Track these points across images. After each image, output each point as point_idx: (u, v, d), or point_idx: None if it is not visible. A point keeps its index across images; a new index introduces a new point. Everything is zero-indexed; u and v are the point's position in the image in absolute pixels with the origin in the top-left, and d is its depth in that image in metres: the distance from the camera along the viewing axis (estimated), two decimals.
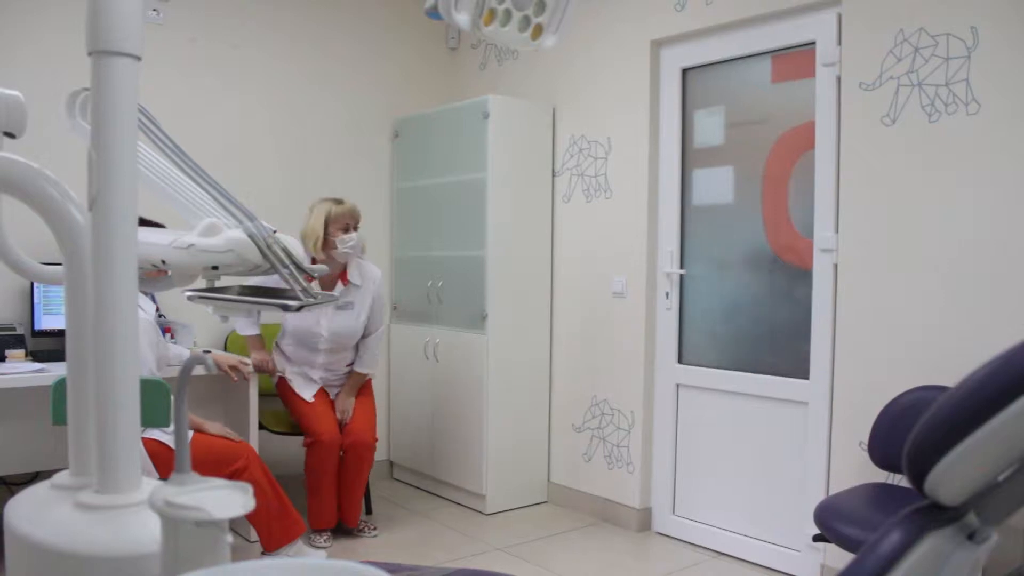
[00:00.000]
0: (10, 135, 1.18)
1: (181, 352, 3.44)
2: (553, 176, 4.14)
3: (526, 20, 1.29)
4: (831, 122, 3.05)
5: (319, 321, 3.50)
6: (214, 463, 2.92)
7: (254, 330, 3.57)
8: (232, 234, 1.10)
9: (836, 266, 3.05)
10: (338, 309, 3.54)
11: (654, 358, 3.73)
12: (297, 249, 1.15)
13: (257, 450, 3.18)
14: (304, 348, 3.58)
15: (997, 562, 2.48)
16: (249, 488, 0.77)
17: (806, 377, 3.16)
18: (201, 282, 1.15)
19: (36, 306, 3.40)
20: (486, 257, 3.90)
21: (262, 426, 3.59)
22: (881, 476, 2.86)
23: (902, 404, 2.75)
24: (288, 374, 3.61)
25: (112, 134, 0.89)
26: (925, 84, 2.79)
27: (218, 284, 1.16)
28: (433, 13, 1.20)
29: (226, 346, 3.99)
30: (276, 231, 1.14)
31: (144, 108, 1.09)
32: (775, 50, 3.26)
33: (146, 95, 1.00)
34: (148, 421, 2.60)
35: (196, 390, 3.60)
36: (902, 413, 2.73)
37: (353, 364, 3.70)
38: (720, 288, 3.54)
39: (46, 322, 3.42)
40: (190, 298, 1.17)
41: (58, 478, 1.01)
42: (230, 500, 0.75)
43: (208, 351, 3.68)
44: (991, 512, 0.88)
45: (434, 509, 4.03)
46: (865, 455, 2.86)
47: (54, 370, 3.02)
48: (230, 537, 0.76)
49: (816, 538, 2.67)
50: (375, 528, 3.67)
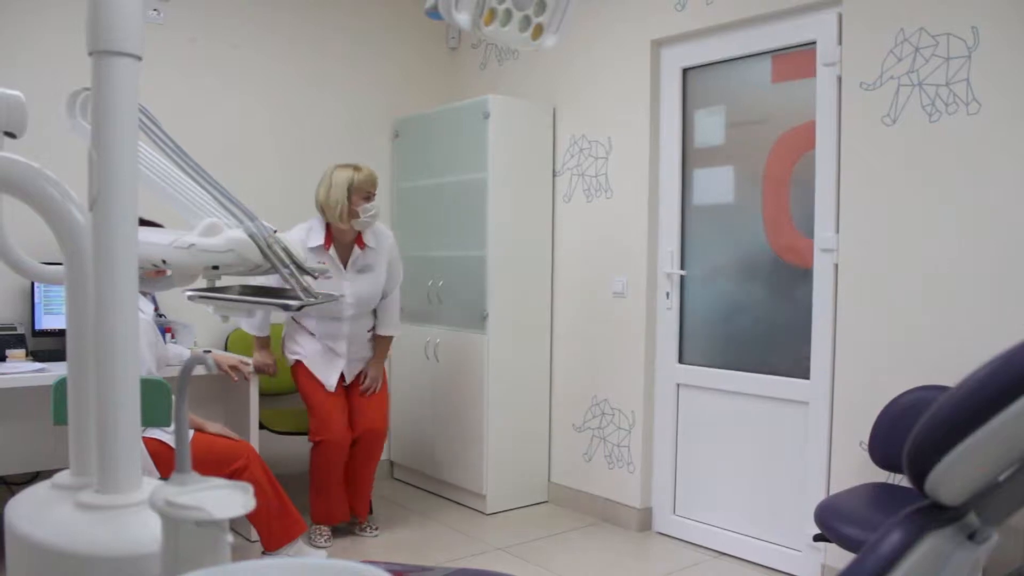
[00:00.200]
0: (11, 135, 1.18)
1: (181, 352, 3.44)
2: (554, 176, 4.14)
3: (526, 20, 1.29)
4: (832, 122, 3.05)
5: (340, 287, 3.46)
6: (215, 463, 2.92)
7: (264, 332, 3.55)
8: (233, 234, 1.10)
9: (836, 266, 3.05)
10: (358, 272, 3.50)
11: (654, 358, 3.73)
12: (297, 249, 1.15)
13: (258, 450, 3.18)
14: (329, 319, 3.51)
15: (998, 562, 2.48)
16: (249, 488, 0.77)
17: (807, 377, 3.16)
18: (202, 282, 1.15)
19: (37, 306, 3.40)
20: (487, 257, 3.90)
21: (262, 426, 3.59)
22: (882, 476, 2.86)
23: (902, 404, 2.75)
24: (310, 359, 3.53)
25: (113, 134, 0.89)
26: (926, 84, 2.79)
27: (218, 284, 1.16)
28: (433, 13, 1.20)
29: (226, 346, 3.99)
30: (276, 231, 1.14)
31: (145, 108, 1.09)
32: (775, 50, 3.27)
33: (146, 95, 1.00)
34: (149, 421, 2.61)
35: (196, 390, 3.60)
36: (902, 413, 2.73)
37: (373, 330, 3.67)
38: (721, 288, 3.54)
39: (47, 322, 3.42)
40: (191, 298, 1.17)
41: (59, 478, 1.01)
42: (230, 500, 0.75)
43: (208, 351, 3.69)
44: (991, 512, 0.88)
45: (434, 509, 4.03)
46: (865, 455, 2.86)
47: (55, 370, 3.02)
48: (230, 537, 0.76)
49: (817, 538, 2.67)
50: (376, 528, 3.67)
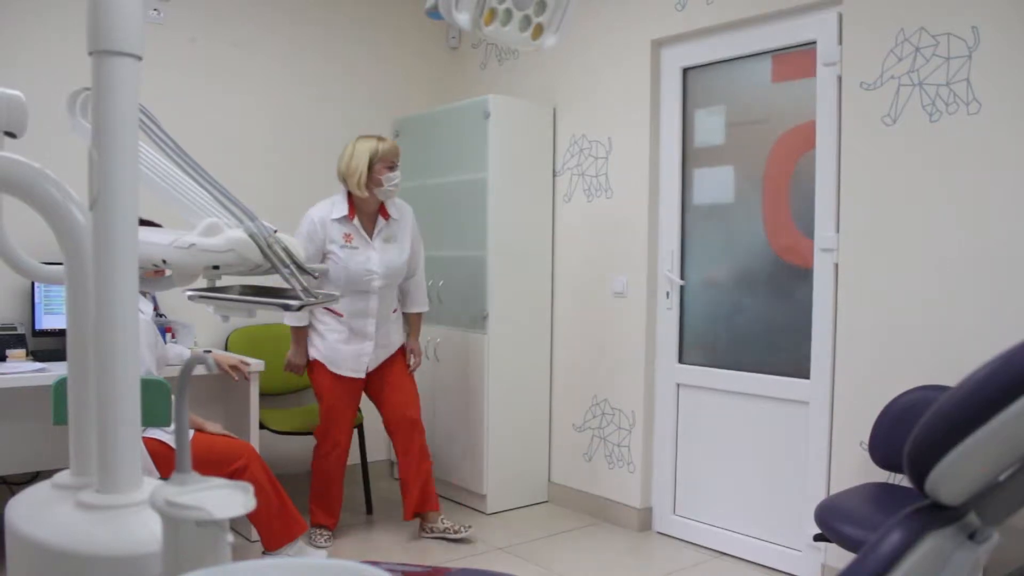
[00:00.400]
0: (11, 135, 1.18)
1: (182, 352, 3.44)
2: (554, 176, 4.14)
3: (527, 20, 1.29)
4: (832, 122, 3.05)
5: (369, 258, 3.43)
6: (215, 463, 2.92)
7: (304, 322, 3.47)
8: (233, 234, 1.10)
9: (837, 265, 3.05)
10: (384, 242, 3.48)
11: (655, 358, 3.73)
12: (298, 249, 1.15)
13: (258, 450, 3.18)
14: (358, 296, 3.45)
15: (998, 562, 2.47)
16: (250, 488, 0.77)
17: (807, 377, 3.16)
18: (202, 282, 1.15)
19: (37, 306, 3.40)
20: (487, 257, 3.90)
21: (263, 426, 3.59)
22: (882, 476, 2.86)
23: (903, 404, 2.75)
24: (333, 352, 3.46)
25: (113, 134, 0.89)
26: (926, 84, 2.79)
27: (219, 284, 1.16)
28: (434, 13, 1.20)
29: (227, 346, 3.99)
30: (277, 231, 1.14)
31: (145, 108, 1.09)
32: (775, 50, 3.27)
33: (146, 95, 1.00)
34: (149, 421, 2.61)
35: (197, 390, 3.60)
36: (903, 413, 2.73)
37: (396, 311, 3.63)
38: (721, 288, 3.54)
39: (47, 322, 3.42)
40: (191, 298, 1.17)
41: (59, 478, 1.01)
42: (231, 500, 0.75)
43: (209, 351, 3.68)
44: (992, 512, 0.88)
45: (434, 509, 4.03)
46: (866, 455, 2.86)
47: (55, 370, 3.02)
48: (231, 536, 0.76)
49: (817, 538, 2.67)
50: (470, 527, 3.59)
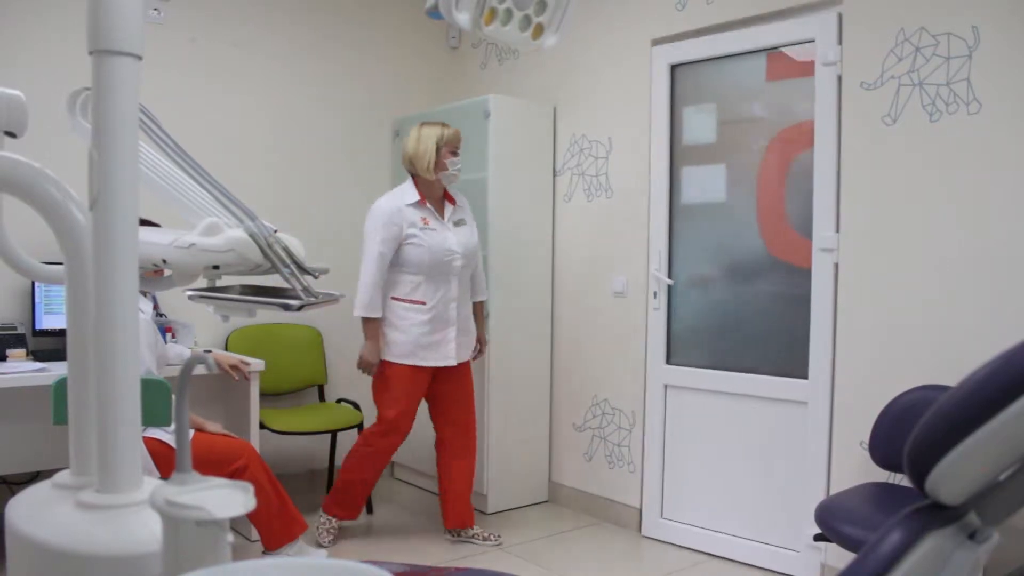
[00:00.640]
0: (11, 134, 1.18)
1: (182, 352, 3.44)
2: (554, 175, 4.14)
3: (527, 19, 1.29)
4: (831, 121, 3.04)
5: (447, 239, 3.38)
6: (215, 462, 2.92)
7: (376, 312, 3.35)
8: (233, 233, 1.10)
9: (836, 265, 3.05)
10: (455, 225, 3.45)
11: (647, 358, 3.71)
12: (298, 248, 1.15)
13: (258, 449, 3.18)
14: (439, 280, 3.39)
15: (998, 562, 2.47)
16: (250, 487, 0.77)
17: (805, 377, 3.15)
18: (202, 281, 1.15)
19: (37, 305, 3.40)
20: (487, 256, 3.89)
21: (263, 425, 3.59)
22: (882, 476, 2.86)
23: (903, 403, 2.75)
24: (413, 347, 3.36)
25: (113, 133, 0.89)
26: (926, 84, 2.78)
27: (219, 283, 1.16)
28: (434, 13, 1.20)
29: (227, 345, 3.99)
30: (277, 230, 1.14)
31: (145, 107, 1.09)
32: (770, 48, 3.23)
33: (146, 95, 1.00)
34: (149, 420, 2.60)
35: (197, 390, 3.60)
36: (903, 412, 2.73)
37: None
38: (713, 288, 3.51)
39: (47, 321, 3.42)
40: (191, 297, 1.17)
41: (59, 477, 1.01)
42: (231, 499, 0.75)
43: (209, 350, 3.68)
44: (992, 512, 0.88)
45: (435, 509, 4.02)
46: (866, 454, 2.86)
47: (55, 369, 3.02)
48: (231, 536, 0.76)
49: (817, 537, 2.67)
50: (499, 536, 3.58)
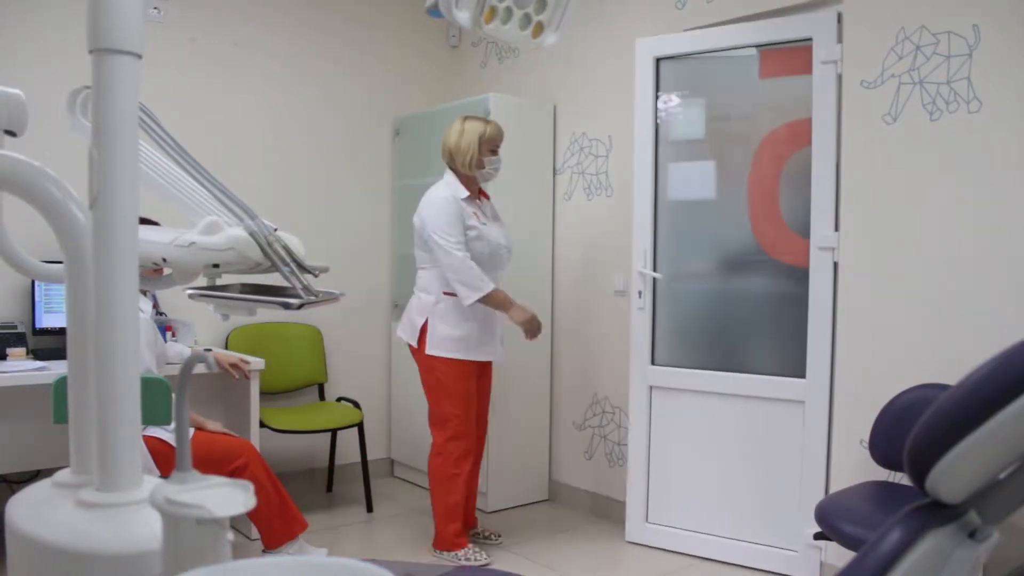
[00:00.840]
0: (11, 133, 1.18)
1: (182, 350, 3.44)
2: (554, 174, 4.14)
3: (527, 18, 1.29)
4: (830, 120, 3.04)
5: (492, 231, 3.32)
6: (215, 461, 2.92)
7: (488, 286, 3.22)
8: (233, 232, 1.10)
9: (836, 264, 3.04)
10: (493, 221, 3.39)
11: (638, 359, 3.62)
12: (298, 247, 1.15)
13: (258, 448, 3.18)
14: (492, 273, 3.33)
15: (998, 560, 2.47)
16: (250, 486, 0.77)
17: (802, 376, 3.13)
18: (202, 280, 1.15)
19: (37, 304, 3.40)
20: None
21: (263, 424, 3.59)
22: (882, 474, 2.86)
23: (903, 402, 2.75)
24: (467, 342, 3.31)
25: (113, 132, 0.89)
26: (926, 82, 2.78)
27: (219, 282, 1.16)
28: (434, 11, 1.20)
29: (227, 344, 3.99)
30: (277, 229, 1.14)
31: (145, 106, 1.09)
32: (767, 45, 3.20)
33: (146, 94, 1.00)
34: (149, 419, 2.61)
35: (197, 388, 3.60)
36: (903, 411, 2.73)
37: None
38: (704, 287, 3.45)
39: (47, 320, 3.42)
40: (191, 296, 1.17)
41: (59, 476, 1.01)
42: (231, 498, 0.75)
43: (209, 349, 3.69)
44: (992, 510, 0.88)
45: None
46: (866, 453, 2.86)
47: (55, 368, 3.02)
48: (231, 535, 0.76)
49: (817, 536, 2.67)
50: (500, 535, 3.58)
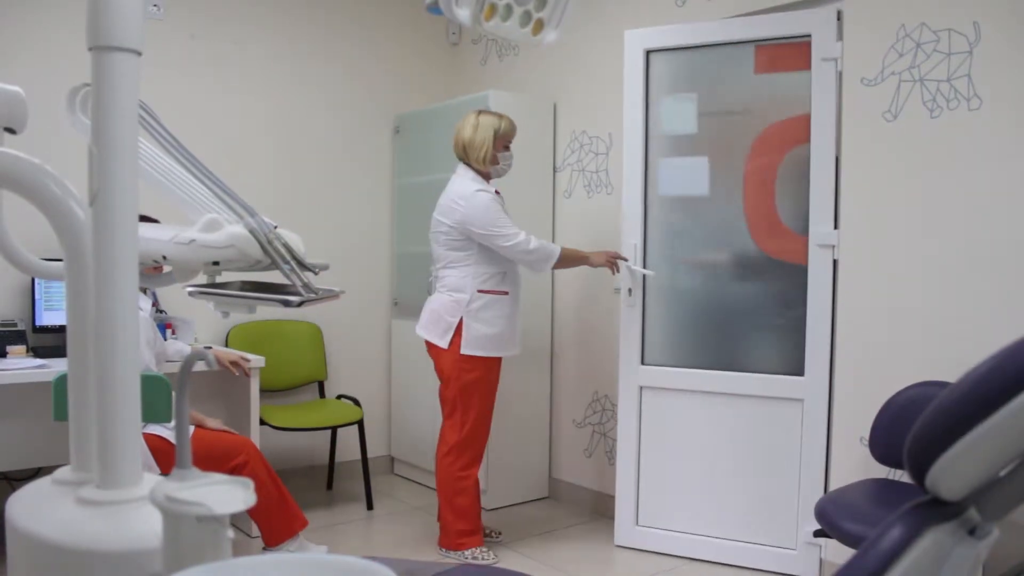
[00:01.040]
0: (11, 131, 1.18)
1: (182, 348, 3.44)
2: (554, 172, 4.14)
3: (527, 15, 1.29)
4: (829, 117, 3.03)
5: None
6: (215, 459, 2.92)
7: (556, 248, 3.20)
8: (233, 230, 1.10)
9: (836, 262, 3.04)
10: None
11: (629, 358, 3.56)
12: (298, 244, 1.15)
13: (258, 446, 3.18)
14: (518, 268, 3.31)
15: (999, 557, 2.48)
16: (250, 483, 0.77)
17: (800, 373, 3.11)
18: (202, 278, 1.15)
19: (37, 302, 3.41)
20: None
21: (263, 422, 3.59)
22: (882, 472, 2.86)
23: (903, 399, 2.75)
24: (500, 338, 3.25)
25: (113, 129, 0.89)
26: (927, 80, 2.78)
27: (219, 279, 1.16)
28: (434, 8, 1.20)
29: (227, 342, 3.99)
30: (277, 226, 1.14)
31: (145, 103, 1.09)
32: (763, 40, 3.18)
33: (146, 91, 1.00)
34: (149, 417, 2.61)
35: (197, 386, 3.60)
36: (903, 409, 2.73)
37: None
38: (699, 284, 3.41)
39: (47, 318, 3.42)
40: (191, 294, 1.17)
41: (59, 473, 1.01)
42: (231, 495, 0.75)
43: (209, 347, 3.69)
44: (992, 507, 0.88)
45: (435, 504, 4.02)
46: (866, 451, 2.86)
47: (55, 366, 3.02)
48: (231, 532, 0.76)
49: (817, 533, 2.67)
50: (500, 532, 3.60)
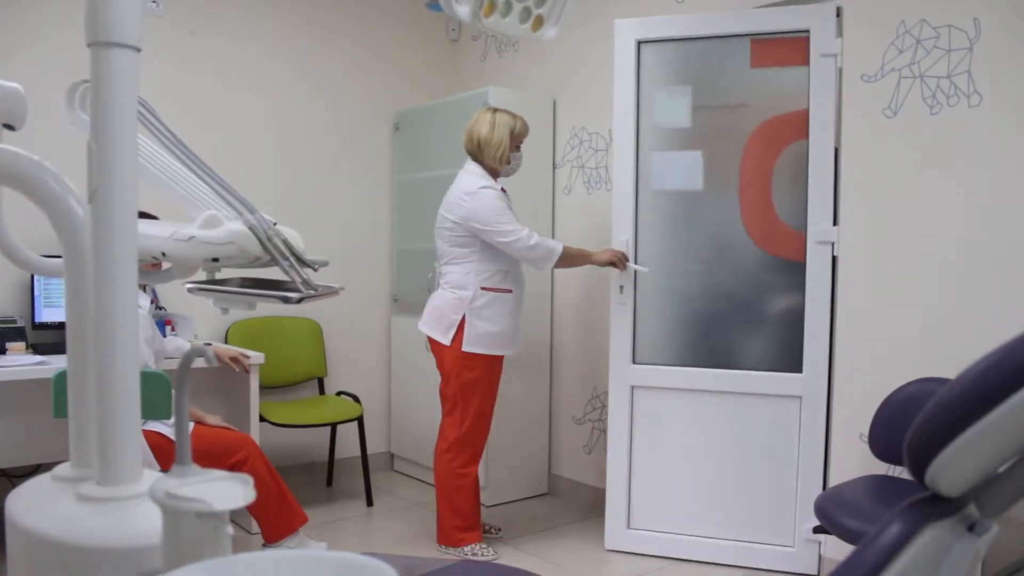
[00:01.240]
0: (10, 127, 1.18)
1: (181, 345, 3.44)
2: (554, 168, 4.13)
3: (526, 11, 1.29)
4: (828, 113, 3.02)
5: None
6: (215, 455, 2.92)
7: (559, 246, 3.17)
8: (232, 226, 1.10)
9: (836, 258, 3.04)
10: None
11: (616, 358, 3.47)
12: (297, 241, 1.15)
13: (258, 442, 3.18)
14: (521, 266, 3.29)
15: (997, 553, 2.48)
16: (250, 480, 0.77)
17: (798, 370, 3.10)
18: (201, 274, 1.15)
19: (36, 299, 3.40)
20: None
21: (263, 418, 3.59)
22: (882, 468, 2.86)
23: (903, 396, 2.75)
24: (503, 336, 3.23)
25: (112, 126, 0.89)
26: (927, 76, 2.78)
27: (218, 276, 1.16)
28: (434, 5, 1.19)
29: (227, 338, 3.99)
30: (276, 223, 1.14)
31: (144, 100, 1.08)
32: (759, 34, 3.16)
33: (145, 88, 1.00)
34: (149, 413, 2.61)
35: (196, 383, 3.60)
36: (903, 405, 2.73)
37: None
38: (693, 281, 3.37)
39: (47, 315, 3.42)
40: (190, 290, 1.17)
41: (59, 470, 1.01)
42: (231, 492, 0.75)
43: (209, 343, 3.68)
44: (991, 503, 0.88)
45: (434, 501, 4.02)
46: (865, 447, 2.86)
47: (55, 362, 3.02)
48: (231, 529, 0.76)
49: (816, 530, 2.67)
50: (500, 528, 3.60)
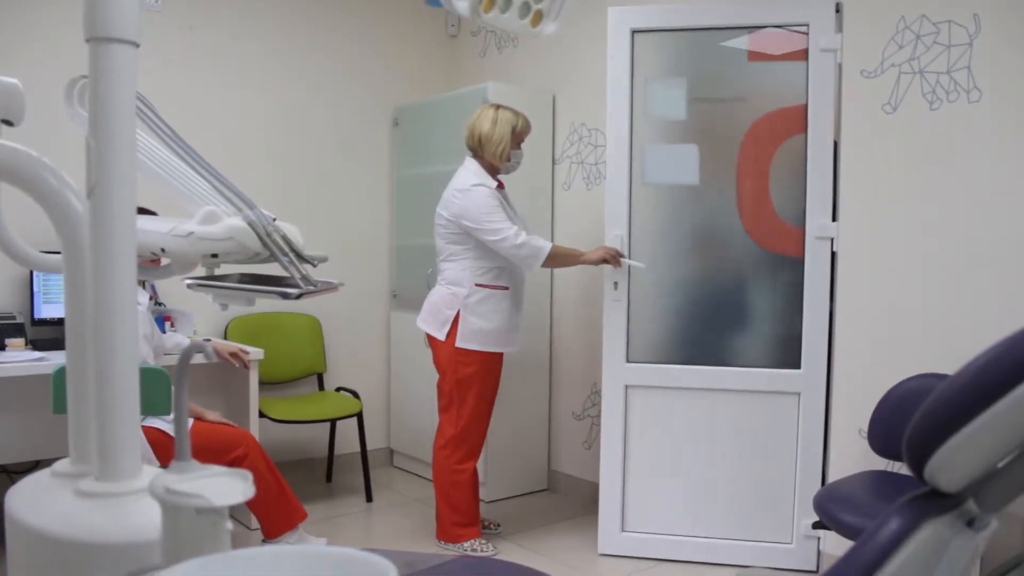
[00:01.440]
0: (8, 123, 1.18)
1: (181, 341, 3.44)
2: (553, 164, 4.13)
3: (526, 6, 1.29)
4: (827, 108, 3.02)
5: (516, 223, 3.17)
6: (214, 451, 2.92)
7: (547, 245, 3.15)
8: (232, 222, 1.10)
9: (835, 254, 3.04)
10: (514, 211, 3.28)
11: (609, 357, 3.42)
12: (297, 237, 1.15)
13: (257, 438, 3.18)
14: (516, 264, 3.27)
15: (997, 549, 2.48)
16: (249, 475, 0.77)
17: (797, 367, 3.09)
18: (201, 270, 1.15)
19: (36, 295, 3.40)
20: None
21: (262, 414, 3.59)
22: (881, 464, 2.87)
23: (902, 392, 2.75)
24: (498, 333, 3.22)
25: (111, 121, 0.89)
26: (927, 72, 2.78)
27: (217, 272, 1.16)
28: (433, 0, 1.19)
29: (226, 334, 3.99)
30: (275, 219, 1.14)
31: (143, 95, 1.08)
32: (757, 27, 3.14)
33: (144, 84, 1.00)
34: (148, 409, 2.61)
35: (196, 379, 3.60)
36: (902, 401, 2.74)
37: None
38: (689, 278, 3.34)
39: (46, 311, 3.42)
40: (190, 286, 1.17)
41: (58, 466, 1.01)
42: (230, 487, 0.75)
43: (208, 339, 3.68)
44: (990, 499, 0.88)
45: (433, 497, 4.03)
46: (865, 443, 2.87)
47: (54, 359, 3.02)
48: (230, 524, 0.76)
49: (815, 525, 2.68)
50: (499, 524, 3.60)
